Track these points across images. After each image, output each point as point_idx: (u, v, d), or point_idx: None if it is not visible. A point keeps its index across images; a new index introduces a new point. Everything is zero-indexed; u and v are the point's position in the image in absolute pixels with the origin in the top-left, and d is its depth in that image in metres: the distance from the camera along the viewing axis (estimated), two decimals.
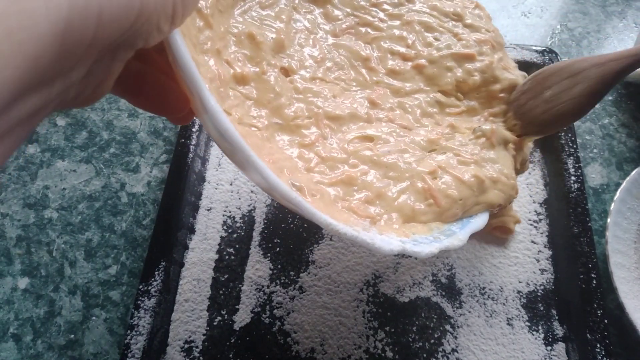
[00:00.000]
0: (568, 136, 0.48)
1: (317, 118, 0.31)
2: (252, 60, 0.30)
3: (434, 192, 0.30)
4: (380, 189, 0.29)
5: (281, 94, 0.30)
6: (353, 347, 0.41)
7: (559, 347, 0.41)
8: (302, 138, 0.30)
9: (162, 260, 0.42)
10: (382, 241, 0.25)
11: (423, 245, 0.27)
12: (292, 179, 0.26)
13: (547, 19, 0.65)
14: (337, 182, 0.28)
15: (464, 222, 0.31)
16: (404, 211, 0.29)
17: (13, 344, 0.42)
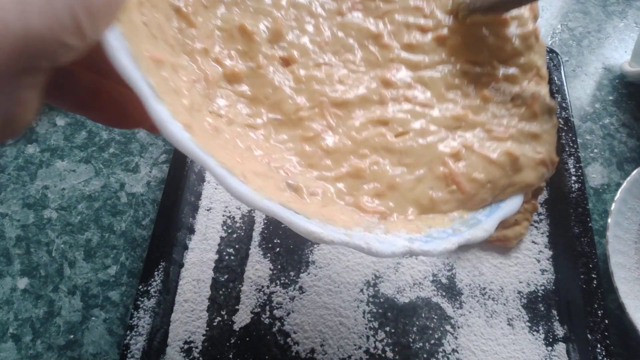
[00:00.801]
0: (569, 136, 0.48)
1: (323, 107, 0.28)
2: (245, 55, 0.28)
3: (457, 177, 0.27)
4: (393, 178, 0.26)
5: (280, 88, 0.28)
6: (353, 347, 0.41)
7: (560, 348, 0.41)
8: (305, 131, 0.27)
9: (162, 260, 0.41)
10: (381, 243, 0.23)
11: (437, 241, 0.24)
12: (290, 178, 0.24)
13: (548, 19, 0.64)
14: (343, 176, 0.26)
15: (492, 207, 0.28)
16: (420, 202, 0.26)
17: (12, 344, 0.42)
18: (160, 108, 0.19)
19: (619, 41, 0.62)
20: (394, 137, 0.28)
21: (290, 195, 0.23)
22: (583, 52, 0.61)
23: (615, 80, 0.59)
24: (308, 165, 0.26)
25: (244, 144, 0.24)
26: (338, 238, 0.22)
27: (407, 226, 0.25)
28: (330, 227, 0.22)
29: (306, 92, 0.28)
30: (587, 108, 0.57)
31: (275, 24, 0.29)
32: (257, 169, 0.23)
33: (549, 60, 0.52)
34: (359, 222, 0.24)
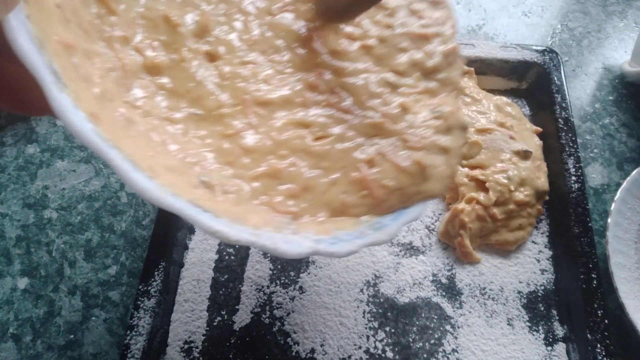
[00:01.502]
0: (568, 136, 0.48)
1: (245, 105, 0.28)
2: (169, 46, 0.27)
3: (369, 183, 0.28)
4: (308, 180, 0.27)
5: (203, 83, 0.27)
6: (353, 347, 0.41)
7: (560, 348, 0.41)
8: (225, 128, 0.27)
9: (162, 260, 0.41)
10: (288, 244, 0.23)
11: (343, 243, 0.25)
12: (205, 175, 0.24)
13: (548, 19, 0.65)
14: (260, 176, 0.26)
15: (398, 213, 0.29)
16: (332, 205, 0.27)
17: (13, 344, 0.42)
18: (61, 96, 0.18)
19: (619, 41, 0.62)
20: (313, 141, 0.29)
21: (202, 193, 0.23)
22: (583, 52, 0.61)
23: (615, 80, 0.59)
24: (226, 162, 0.26)
25: (159, 138, 0.24)
26: (245, 238, 0.22)
27: (317, 228, 0.25)
28: (239, 226, 0.22)
29: (229, 88, 0.28)
30: (587, 108, 0.57)
31: (203, 17, 0.29)
32: (169, 164, 0.23)
33: (549, 61, 0.52)
34: (270, 222, 0.24)
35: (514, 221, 0.45)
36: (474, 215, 0.44)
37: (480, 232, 0.45)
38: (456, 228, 0.44)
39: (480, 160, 0.47)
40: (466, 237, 0.44)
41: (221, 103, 0.27)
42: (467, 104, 0.51)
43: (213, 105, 0.27)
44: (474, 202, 0.45)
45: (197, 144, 0.26)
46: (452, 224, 0.45)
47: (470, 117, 0.49)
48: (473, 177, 0.46)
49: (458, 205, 0.45)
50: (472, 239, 0.45)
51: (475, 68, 0.53)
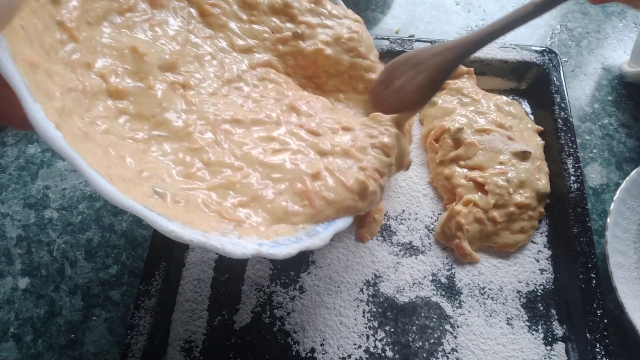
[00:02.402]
0: (568, 136, 0.48)
1: (215, 125, 0.32)
2: (135, 75, 0.30)
3: (310, 194, 0.31)
4: (256, 191, 0.30)
5: (168, 108, 0.31)
6: (353, 346, 0.41)
7: (559, 347, 0.41)
8: (191, 144, 0.30)
9: (163, 260, 0.42)
10: (234, 246, 0.25)
11: (282, 247, 0.28)
12: (156, 185, 0.26)
13: (547, 19, 0.65)
14: (215, 187, 0.29)
15: (329, 223, 0.32)
16: (276, 213, 0.30)
17: (13, 344, 0.42)
18: (35, 106, 0.21)
19: (618, 41, 0.63)
20: (270, 154, 0.32)
21: (155, 201, 0.26)
22: (582, 53, 0.62)
23: (614, 80, 0.59)
24: (185, 175, 0.29)
25: (115, 152, 0.26)
26: (197, 239, 0.24)
27: (258, 233, 0.28)
28: (190, 229, 0.25)
29: (197, 112, 0.32)
30: (586, 108, 0.57)
31: (172, 56, 0.32)
32: (124, 175, 0.25)
33: (549, 61, 0.52)
34: (216, 228, 0.27)
35: (515, 224, 0.45)
36: (472, 217, 0.44)
37: (479, 234, 0.45)
38: (453, 230, 0.44)
39: (478, 161, 0.47)
40: (464, 239, 0.44)
41: (188, 124, 0.31)
42: (466, 104, 0.51)
43: (179, 128, 0.31)
44: (471, 205, 0.45)
45: (157, 159, 0.29)
46: (448, 225, 0.45)
47: (468, 118, 0.49)
48: (471, 178, 0.46)
49: (455, 206, 0.45)
50: (471, 241, 0.45)
51: (475, 68, 0.53)
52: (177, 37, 0.34)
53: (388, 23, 0.63)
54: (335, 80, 0.41)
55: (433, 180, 0.49)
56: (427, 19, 0.64)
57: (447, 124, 0.49)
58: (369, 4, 0.64)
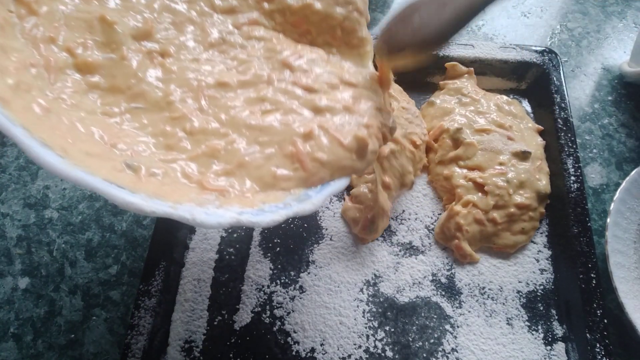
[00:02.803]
0: (568, 136, 0.48)
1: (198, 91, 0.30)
2: (106, 46, 0.29)
3: (301, 156, 0.29)
4: (243, 157, 0.29)
5: (144, 79, 0.29)
6: (353, 346, 0.41)
7: (559, 347, 0.41)
8: (172, 113, 0.29)
9: (163, 260, 0.42)
10: (207, 215, 0.24)
11: (267, 214, 0.26)
12: (130, 159, 0.25)
13: (547, 19, 0.65)
14: (197, 156, 0.28)
15: (322, 186, 0.30)
16: (264, 179, 0.28)
17: (13, 344, 0.42)
18: None
19: (618, 41, 0.63)
20: (259, 115, 0.30)
21: (127, 175, 0.25)
22: (582, 53, 0.62)
23: (614, 80, 0.59)
24: (166, 146, 0.28)
25: (85, 127, 0.25)
26: (161, 210, 0.23)
27: (242, 202, 0.27)
28: (156, 200, 0.24)
29: (178, 80, 0.30)
30: (586, 108, 0.57)
31: (146, 24, 0.31)
32: (92, 150, 0.24)
33: (549, 61, 0.52)
34: (193, 199, 0.25)
35: (515, 225, 0.45)
36: (471, 218, 0.44)
37: (479, 235, 0.45)
38: (452, 230, 0.44)
39: (477, 162, 0.47)
40: (463, 240, 0.44)
41: (168, 93, 0.29)
42: (465, 104, 0.51)
43: (158, 97, 0.29)
44: (471, 205, 0.45)
45: (134, 133, 0.28)
46: (447, 226, 0.45)
47: (467, 118, 0.49)
48: (471, 178, 0.46)
49: (454, 206, 0.45)
50: (471, 242, 0.45)
51: (475, 68, 0.53)
52: (152, 4, 0.32)
53: None
54: (327, 36, 0.38)
55: (432, 180, 0.49)
56: None
57: (446, 123, 0.49)
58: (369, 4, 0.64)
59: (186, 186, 0.27)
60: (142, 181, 0.25)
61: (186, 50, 0.32)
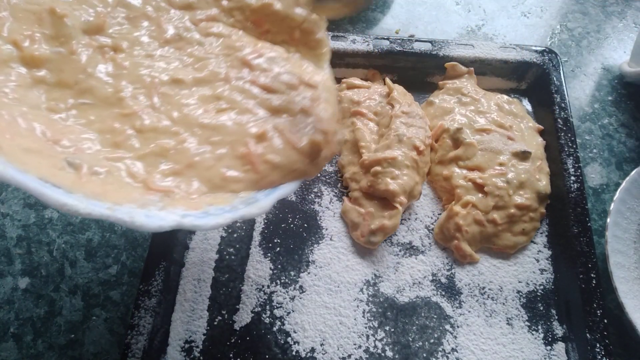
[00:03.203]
0: (568, 136, 0.48)
1: (152, 87, 0.30)
2: (54, 39, 0.28)
3: (253, 157, 0.29)
4: (192, 157, 0.28)
5: (94, 74, 0.28)
6: (353, 346, 0.41)
7: (559, 347, 0.41)
8: (122, 110, 0.28)
9: (163, 260, 0.42)
10: (148, 218, 0.24)
11: (211, 217, 0.26)
12: (74, 157, 0.25)
13: (547, 19, 0.65)
14: (145, 155, 0.27)
15: (271, 189, 0.30)
16: (213, 180, 0.28)
17: (13, 344, 0.42)
18: None
19: (618, 41, 0.63)
20: (213, 114, 0.30)
21: (66, 174, 0.24)
22: (582, 53, 0.62)
23: (614, 80, 0.59)
24: (113, 144, 0.27)
25: (26, 123, 0.25)
26: (97, 211, 0.22)
27: (187, 204, 0.26)
28: (94, 201, 0.23)
29: (130, 76, 0.29)
30: (586, 108, 0.57)
31: (98, 18, 0.30)
32: (31, 147, 0.24)
33: (549, 61, 0.52)
34: (136, 200, 0.25)
35: (516, 226, 0.45)
36: (471, 219, 0.44)
37: (480, 236, 0.45)
38: (451, 231, 0.44)
39: (477, 162, 0.47)
40: (463, 240, 0.44)
41: (119, 89, 0.29)
42: (466, 104, 0.51)
43: (107, 93, 0.28)
44: (470, 206, 0.45)
45: (79, 129, 0.27)
46: (447, 226, 0.45)
47: (467, 118, 0.49)
48: (471, 179, 0.46)
49: (454, 207, 0.45)
50: (471, 243, 0.45)
51: (475, 68, 0.53)
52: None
53: (388, 23, 0.63)
54: (285, 35, 0.37)
55: (431, 180, 0.49)
56: (427, 19, 0.64)
57: (446, 123, 0.49)
58: (369, 4, 0.64)
59: (130, 186, 0.26)
60: (82, 180, 0.24)
61: (140, 46, 0.31)
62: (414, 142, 0.47)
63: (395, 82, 0.53)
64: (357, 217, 0.45)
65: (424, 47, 0.53)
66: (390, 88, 0.51)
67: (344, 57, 0.53)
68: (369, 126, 0.50)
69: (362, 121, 0.50)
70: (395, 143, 0.46)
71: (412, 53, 0.52)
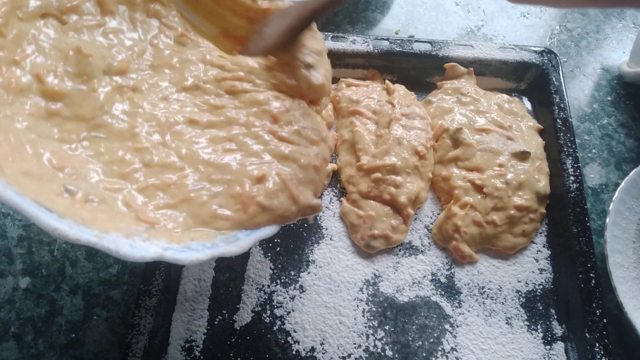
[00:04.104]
0: (567, 136, 0.48)
1: (166, 126, 0.31)
2: (77, 77, 0.30)
3: (245, 198, 0.30)
4: (189, 193, 0.29)
5: (110, 111, 0.30)
6: (353, 346, 0.41)
7: (558, 347, 0.42)
8: (135, 144, 0.30)
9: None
10: (132, 248, 0.25)
11: (192, 252, 0.27)
12: (72, 183, 0.26)
13: (546, 20, 0.65)
14: (147, 187, 0.29)
15: (252, 230, 0.31)
16: (201, 217, 0.29)
17: (14, 344, 0.43)
18: None
19: (617, 42, 0.63)
20: (220, 153, 0.31)
21: (62, 199, 0.25)
22: (581, 53, 0.62)
23: (613, 80, 0.59)
24: (119, 175, 0.29)
25: (33, 149, 0.26)
26: (85, 238, 0.23)
27: (170, 237, 0.27)
28: (83, 228, 0.24)
29: (146, 115, 0.31)
30: (586, 108, 0.57)
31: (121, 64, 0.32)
32: (32, 171, 0.25)
33: (548, 61, 0.53)
34: (122, 229, 0.26)
35: (516, 227, 0.45)
36: (469, 220, 0.44)
37: (479, 237, 0.45)
38: (450, 232, 0.44)
39: (476, 162, 0.47)
40: (461, 241, 0.44)
41: (134, 125, 0.30)
42: (466, 104, 0.51)
43: (121, 128, 0.30)
44: (468, 207, 0.45)
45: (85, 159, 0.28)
46: (445, 227, 0.45)
47: (467, 117, 0.49)
48: (470, 180, 0.46)
49: (452, 207, 0.45)
50: (470, 243, 0.45)
51: (474, 69, 0.53)
52: (133, 47, 0.33)
53: (388, 24, 0.63)
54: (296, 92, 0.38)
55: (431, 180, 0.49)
56: (427, 20, 0.64)
57: (446, 123, 0.49)
58: (368, 5, 0.65)
59: (120, 215, 0.27)
60: (75, 206, 0.25)
61: (159, 89, 0.33)
62: (414, 147, 0.46)
63: (396, 83, 0.53)
64: (357, 219, 0.45)
65: (423, 47, 0.53)
66: (391, 90, 0.51)
67: (343, 58, 0.53)
68: (368, 126, 0.49)
69: (361, 120, 0.49)
70: (394, 147, 0.46)
71: (411, 54, 0.52)
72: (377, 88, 0.52)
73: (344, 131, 0.50)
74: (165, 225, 0.28)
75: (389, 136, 0.47)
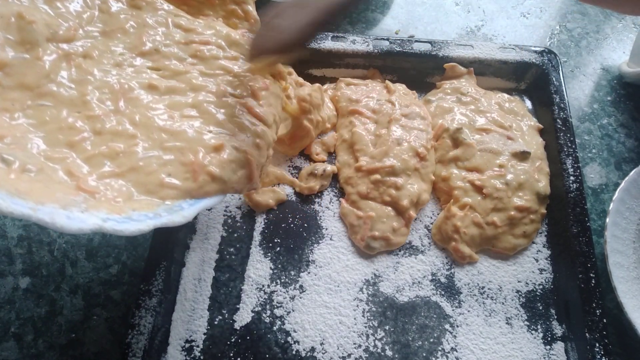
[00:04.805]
0: (567, 136, 0.48)
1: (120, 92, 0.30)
2: (20, 45, 0.29)
3: (196, 167, 0.29)
4: (138, 161, 0.28)
5: (56, 79, 0.29)
6: (353, 346, 0.41)
7: (558, 347, 0.42)
8: (87, 112, 0.29)
9: (163, 259, 0.42)
10: (69, 220, 0.24)
11: (133, 222, 0.26)
12: (9, 153, 0.25)
13: (546, 20, 0.65)
14: (94, 156, 0.28)
15: (196, 200, 0.30)
16: (147, 186, 0.28)
17: (14, 343, 0.43)
18: None
19: (617, 42, 0.63)
20: (178, 120, 0.30)
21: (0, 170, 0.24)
22: (581, 53, 0.62)
23: (613, 80, 0.59)
24: (67, 144, 0.28)
25: None
26: (19, 211, 0.22)
27: (111, 207, 0.26)
28: (17, 200, 0.23)
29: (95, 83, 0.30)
30: (586, 108, 0.57)
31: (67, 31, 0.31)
32: None
33: (548, 61, 0.53)
34: (59, 200, 0.25)
35: (517, 228, 0.45)
36: (469, 221, 0.44)
37: (479, 238, 0.45)
38: (449, 232, 0.44)
39: (476, 163, 0.46)
40: (461, 242, 0.44)
41: (84, 93, 0.29)
42: (466, 103, 0.51)
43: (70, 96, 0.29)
44: (467, 208, 0.45)
45: (26, 128, 0.27)
46: (444, 227, 0.45)
47: (468, 117, 0.49)
48: (469, 180, 0.46)
49: (451, 207, 0.45)
50: (470, 244, 0.45)
51: (474, 69, 0.53)
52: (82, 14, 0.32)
53: (388, 24, 0.63)
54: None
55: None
56: (427, 20, 0.64)
57: (446, 122, 0.49)
58: (368, 5, 0.65)
59: (60, 184, 0.26)
60: (10, 177, 0.24)
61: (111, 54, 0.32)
62: (414, 148, 0.46)
63: (396, 83, 0.53)
64: (356, 220, 0.45)
65: (423, 47, 0.53)
66: (392, 90, 0.51)
67: (343, 58, 0.53)
68: (367, 126, 0.49)
69: (360, 120, 0.49)
70: (393, 149, 0.46)
71: (411, 53, 0.52)
72: (376, 87, 0.52)
73: (343, 131, 0.50)
74: (105, 194, 0.27)
75: (388, 137, 0.46)
